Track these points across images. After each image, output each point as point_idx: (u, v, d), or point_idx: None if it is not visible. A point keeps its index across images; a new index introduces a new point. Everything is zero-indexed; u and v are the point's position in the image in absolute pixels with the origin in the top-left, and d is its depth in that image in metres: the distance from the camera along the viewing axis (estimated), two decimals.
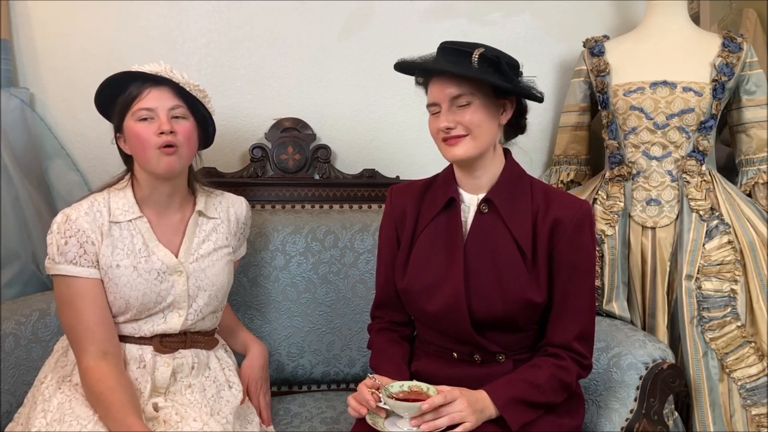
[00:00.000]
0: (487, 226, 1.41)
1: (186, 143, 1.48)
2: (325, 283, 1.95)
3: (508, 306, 1.37)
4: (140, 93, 1.47)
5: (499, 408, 1.30)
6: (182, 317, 1.52)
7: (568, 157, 2.21)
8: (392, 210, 1.54)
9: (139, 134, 1.45)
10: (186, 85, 1.49)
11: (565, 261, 1.38)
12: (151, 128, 1.45)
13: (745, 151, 2.02)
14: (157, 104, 1.46)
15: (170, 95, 1.47)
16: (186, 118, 1.49)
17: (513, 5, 2.28)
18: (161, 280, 1.49)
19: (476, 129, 1.36)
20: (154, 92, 1.46)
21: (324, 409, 1.77)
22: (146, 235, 1.51)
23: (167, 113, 1.46)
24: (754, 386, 1.84)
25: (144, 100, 1.46)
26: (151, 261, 1.49)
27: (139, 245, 1.50)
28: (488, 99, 1.37)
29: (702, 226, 1.91)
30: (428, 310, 1.41)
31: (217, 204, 1.65)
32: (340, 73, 2.22)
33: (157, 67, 1.48)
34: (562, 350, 1.39)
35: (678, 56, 1.98)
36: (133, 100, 1.47)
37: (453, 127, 1.36)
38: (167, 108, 1.46)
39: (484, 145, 1.38)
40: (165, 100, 1.47)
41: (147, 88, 1.46)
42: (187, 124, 1.49)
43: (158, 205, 1.54)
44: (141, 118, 1.46)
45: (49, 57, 2.10)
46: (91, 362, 1.40)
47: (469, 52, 1.34)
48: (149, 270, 1.49)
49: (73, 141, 2.12)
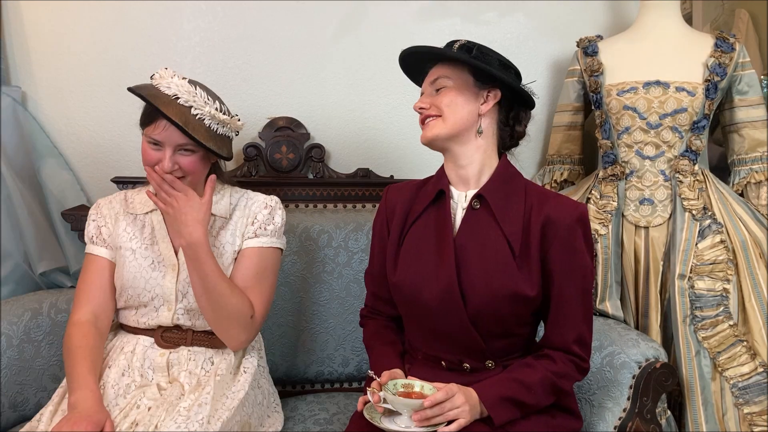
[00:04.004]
0: (477, 221, 1.41)
1: (191, 174, 1.51)
2: (318, 282, 1.95)
3: (498, 299, 1.36)
4: (153, 120, 1.48)
5: (487, 406, 1.30)
6: (171, 311, 1.56)
7: (561, 156, 2.22)
8: (386, 210, 1.55)
9: (144, 154, 1.50)
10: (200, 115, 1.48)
11: (560, 264, 1.37)
12: (157, 156, 1.49)
13: (738, 151, 2.03)
14: (166, 139, 1.47)
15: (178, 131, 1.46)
16: (194, 152, 1.50)
17: (507, 5, 2.28)
18: (153, 269, 1.56)
19: (446, 109, 1.39)
20: (165, 126, 1.47)
21: (317, 411, 1.76)
22: (157, 227, 1.60)
23: (173, 149, 1.48)
24: (746, 385, 1.85)
25: (155, 130, 1.48)
26: (151, 249, 1.58)
27: (147, 234, 1.60)
28: (466, 85, 1.40)
29: (695, 225, 1.91)
30: (421, 303, 1.41)
31: (234, 201, 1.64)
32: (334, 73, 2.22)
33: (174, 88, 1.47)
34: (560, 353, 1.39)
35: (671, 56, 1.99)
36: (146, 123, 1.50)
37: (427, 108, 1.42)
38: (174, 144, 1.48)
39: (454, 127, 1.40)
40: (174, 135, 1.47)
41: (159, 118, 1.47)
42: (193, 159, 1.51)
43: None
44: (150, 143, 1.50)
45: (41, 56, 2.09)
46: (82, 318, 1.54)
47: (452, 43, 1.42)
48: (146, 257, 1.57)
49: (66, 140, 2.11)
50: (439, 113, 1.40)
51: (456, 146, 1.42)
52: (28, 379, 1.69)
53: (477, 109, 1.41)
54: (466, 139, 1.41)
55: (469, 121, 1.41)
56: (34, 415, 1.51)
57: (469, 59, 1.37)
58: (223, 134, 1.55)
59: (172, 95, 1.46)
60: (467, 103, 1.40)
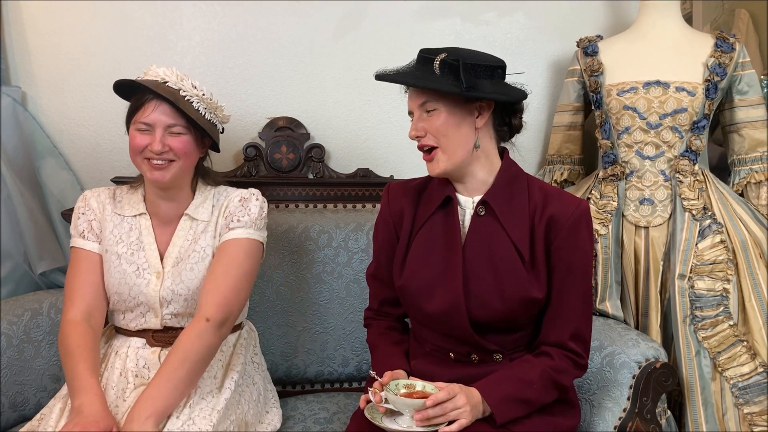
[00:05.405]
0: (484, 228, 1.41)
1: (182, 156, 1.51)
2: (318, 282, 1.95)
3: (508, 306, 1.37)
4: (141, 105, 1.48)
5: (491, 406, 1.30)
6: (158, 317, 1.56)
7: (561, 156, 2.21)
8: (389, 209, 1.53)
9: (132, 141, 1.50)
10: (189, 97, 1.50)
11: (561, 259, 1.38)
12: (146, 139, 1.48)
13: (738, 151, 2.03)
14: (155, 120, 1.48)
15: (169, 111, 1.48)
16: (184, 133, 1.51)
17: (507, 5, 2.28)
18: (138, 275, 1.55)
19: (443, 139, 1.36)
20: (154, 106, 1.48)
21: (317, 410, 1.76)
22: (144, 231, 1.58)
23: (164, 130, 1.48)
24: (746, 385, 1.85)
25: (144, 114, 1.48)
26: (137, 255, 1.56)
27: (133, 238, 1.58)
28: (455, 104, 1.35)
29: (695, 225, 1.91)
30: (427, 310, 1.41)
31: (215, 202, 1.63)
32: (334, 73, 2.21)
33: (162, 75, 1.50)
34: (557, 349, 1.40)
35: (671, 56, 1.99)
36: (135, 111, 1.50)
37: (422, 135, 1.37)
38: (164, 125, 1.48)
39: (457, 157, 1.37)
40: (163, 116, 1.48)
41: (147, 101, 1.48)
42: (184, 139, 1.51)
43: (160, 207, 1.59)
44: (139, 129, 1.49)
45: (41, 55, 2.09)
46: (77, 316, 1.51)
47: (432, 58, 1.33)
48: (131, 262, 1.56)
49: (66, 140, 2.11)
50: (437, 144, 1.37)
51: (459, 169, 1.40)
52: (28, 379, 1.69)
53: (472, 124, 1.38)
54: (468, 161, 1.40)
55: (468, 141, 1.38)
56: (35, 415, 1.51)
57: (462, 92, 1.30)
58: (211, 120, 1.56)
59: (160, 79, 1.49)
60: (461, 123, 1.36)
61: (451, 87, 1.31)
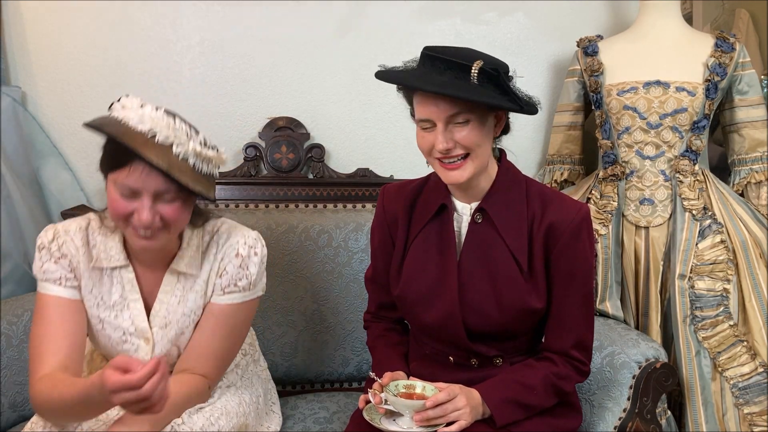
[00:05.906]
0: (481, 236, 1.37)
1: (174, 224, 1.28)
2: (318, 282, 1.95)
3: (506, 316, 1.35)
4: (125, 164, 1.21)
5: (491, 408, 1.30)
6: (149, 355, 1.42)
7: (561, 156, 2.21)
8: (384, 213, 1.51)
9: (113, 205, 1.25)
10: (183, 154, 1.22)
11: (561, 268, 1.36)
12: (131, 206, 1.24)
13: (738, 151, 2.03)
14: (143, 187, 1.21)
15: (161, 176, 1.20)
16: (176, 200, 1.26)
17: (507, 5, 2.28)
18: (124, 341, 1.39)
19: (477, 149, 1.28)
20: (142, 170, 1.20)
21: (317, 410, 1.76)
22: (127, 286, 1.39)
23: (153, 197, 1.23)
24: (747, 385, 1.85)
25: (129, 177, 1.21)
26: (121, 317, 1.38)
27: (115, 297, 1.39)
28: (485, 114, 1.29)
29: (695, 225, 1.91)
30: (424, 321, 1.41)
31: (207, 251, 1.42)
32: (334, 72, 2.21)
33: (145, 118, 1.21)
34: (559, 356, 1.39)
35: (671, 56, 1.99)
36: (116, 168, 1.22)
37: (452, 148, 1.27)
38: (153, 192, 1.22)
39: (482, 164, 1.32)
40: (153, 182, 1.21)
41: (134, 162, 1.20)
42: (176, 206, 1.26)
43: (145, 258, 1.40)
44: (122, 193, 1.23)
45: (41, 55, 2.09)
46: (47, 371, 1.28)
47: (467, 65, 1.23)
48: (116, 327, 1.38)
49: (66, 140, 2.11)
50: (467, 151, 1.28)
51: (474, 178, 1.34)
52: (27, 379, 1.68)
53: (492, 130, 1.33)
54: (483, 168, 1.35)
55: (489, 148, 1.33)
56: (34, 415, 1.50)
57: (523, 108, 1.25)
58: (207, 173, 1.29)
59: (147, 132, 1.20)
60: (489, 133, 1.31)
61: (507, 102, 1.24)
